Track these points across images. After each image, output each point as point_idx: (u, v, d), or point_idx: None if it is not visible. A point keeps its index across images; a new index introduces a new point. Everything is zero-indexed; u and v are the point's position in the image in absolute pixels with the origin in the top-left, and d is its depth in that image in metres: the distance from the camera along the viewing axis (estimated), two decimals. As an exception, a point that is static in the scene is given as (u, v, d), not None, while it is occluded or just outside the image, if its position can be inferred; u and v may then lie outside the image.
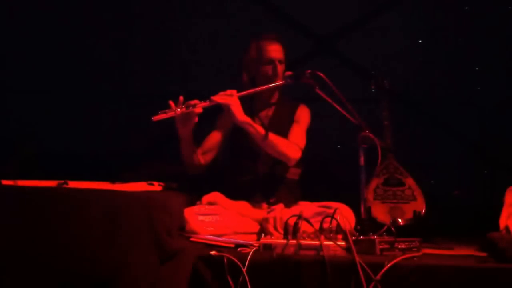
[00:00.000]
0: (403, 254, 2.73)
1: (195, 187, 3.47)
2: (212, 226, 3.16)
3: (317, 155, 3.82)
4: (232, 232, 3.19)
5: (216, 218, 3.20)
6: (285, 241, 2.71)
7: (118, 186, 3.15)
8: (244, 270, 2.56)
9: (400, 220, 3.48)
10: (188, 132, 3.32)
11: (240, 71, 3.58)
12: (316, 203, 3.32)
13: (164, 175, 3.52)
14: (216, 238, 2.97)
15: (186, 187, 3.46)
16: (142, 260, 2.60)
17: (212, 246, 2.81)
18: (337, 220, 2.79)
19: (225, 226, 3.20)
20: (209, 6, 4.64)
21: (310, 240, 2.70)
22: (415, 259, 2.75)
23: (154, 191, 3.22)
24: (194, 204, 3.27)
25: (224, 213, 3.26)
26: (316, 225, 2.76)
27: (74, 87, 4.61)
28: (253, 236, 3.21)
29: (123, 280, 2.56)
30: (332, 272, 2.56)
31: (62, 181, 3.06)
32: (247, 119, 3.33)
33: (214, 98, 3.29)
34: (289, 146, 3.40)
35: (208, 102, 3.29)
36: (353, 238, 2.73)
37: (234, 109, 3.29)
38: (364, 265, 2.56)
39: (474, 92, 4.62)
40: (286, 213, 3.18)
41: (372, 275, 2.54)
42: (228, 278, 2.58)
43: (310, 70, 3.17)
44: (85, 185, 3.08)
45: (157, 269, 2.62)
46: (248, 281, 2.55)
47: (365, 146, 3.04)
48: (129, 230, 2.63)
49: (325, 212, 3.02)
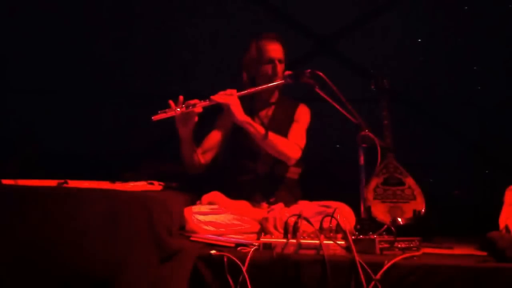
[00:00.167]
0: (403, 254, 2.74)
1: (195, 187, 3.47)
2: (212, 225, 3.16)
3: (317, 154, 3.81)
4: (232, 232, 3.19)
5: (216, 218, 3.20)
6: (285, 240, 2.71)
7: (118, 186, 3.15)
8: (244, 270, 2.57)
9: (400, 219, 3.48)
10: (188, 131, 3.32)
11: (240, 70, 3.58)
12: (316, 203, 3.32)
13: (164, 175, 3.52)
14: (216, 238, 2.97)
15: (186, 186, 3.47)
16: (142, 259, 2.60)
17: (212, 246, 2.82)
18: (337, 219, 2.80)
19: (225, 226, 3.20)
20: (209, 6, 4.64)
21: (310, 239, 2.70)
22: (415, 258, 2.75)
23: (154, 190, 3.21)
24: (194, 204, 3.28)
25: (224, 212, 3.26)
26: (316, 225, 2.76)
27: (74, 87, 4.61)
28: (253, 236, 3.21)
29: (123, 280, 2.56)
30: (332, 271, 2.56)
31: (62, 180, 3.06)
32: (247, 118, 3.33)
33: (214, 98, 3.30)
34: (289, 146, 3.40)
35: (208, 102, 3.29)
36: (353, 237, 2.73)
37: (234, 109, 3.29)
38: (364, 265, 2.56)
39: (474, 92, 4.61)
40: (286, 213, 3.18)
41: (372, 275, 2.55)
42: (228, 277, 2.59)
43: (310, 70, 3.18)
44: (85, 184, 3.08)
45: (157, 269, 2.62)
46: (248, 280, 2.55)
47: (365, 145, 3.05)
48: (129, 229, 2.63)
49: (325, 212, 3.02)
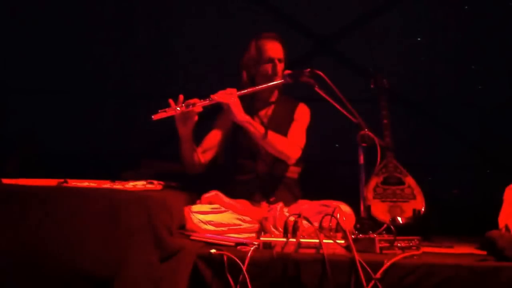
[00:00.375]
0: (403, 253, 2.74)
1: (195, 186, 3.47)
2: (212, 224, 3.16)
3: (316, 154, 3.82)
4: (232, 231, 3.19)
5: (216, 217, 3.20)
6: (285, 239, 2.71)
7: (118, 186, 3.15)
8: (244, 269, 2.57)
9: (399, 218, 3.48)
10: (188, 131, 3.32)
11: (240, 70, 3.58)
12: (316, 202, 3.32)
13: (164, 175, 3.52)
14: (216, 237, 2.97)
15: (186, 186, 3.47)
16: (142, 258, 2.60)
17: (212, 245, 2.82)
18: (336, 218, 2.80)
19: (225, 225, 3.20)
20: (209, 6, 4.64)
21: (310, 238, 2.70)
22: (415, 257, 2.75)
23: (154, 190, 3.21)
24: (194, 203, 3.28)
25: (224, 212, 3.26)
26: (316, 224, 2.76)
27: (74, 87, 4.61)
28: (253, 235, 3.21)
29: (124, 279, 2.56)
30: (332, 270, 2.57)
31: (62, 180, 3.06)
32: (247, 118, 3.33)
33: (214, 97, 3.29)
34: (288, 145, 3.40)
35: (208, 101, 3.29)
36: (353, 236, 2.73)
37: (234, 108, 3.29)
38: (364, 264, 2.56)
39: (474, 92, 4.62)
40: (286, 212, 3.19)
41: (371, 274, 2.55)
42: (228, 276, 2.59)
43: (309, 69, 3.18)
44: (85, 184, 3.08)
45: (157, 268, 2.61)
46: (248, 279, 2.55)
47: (365, 145, 3.05)
48: (129, 229, 2.63)
49: (324, 211, 3.02)
